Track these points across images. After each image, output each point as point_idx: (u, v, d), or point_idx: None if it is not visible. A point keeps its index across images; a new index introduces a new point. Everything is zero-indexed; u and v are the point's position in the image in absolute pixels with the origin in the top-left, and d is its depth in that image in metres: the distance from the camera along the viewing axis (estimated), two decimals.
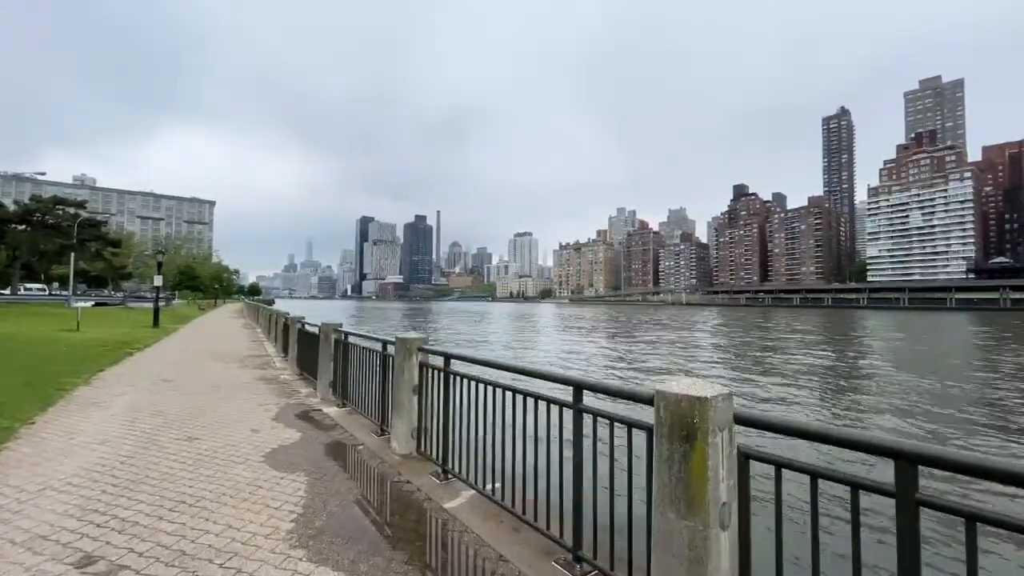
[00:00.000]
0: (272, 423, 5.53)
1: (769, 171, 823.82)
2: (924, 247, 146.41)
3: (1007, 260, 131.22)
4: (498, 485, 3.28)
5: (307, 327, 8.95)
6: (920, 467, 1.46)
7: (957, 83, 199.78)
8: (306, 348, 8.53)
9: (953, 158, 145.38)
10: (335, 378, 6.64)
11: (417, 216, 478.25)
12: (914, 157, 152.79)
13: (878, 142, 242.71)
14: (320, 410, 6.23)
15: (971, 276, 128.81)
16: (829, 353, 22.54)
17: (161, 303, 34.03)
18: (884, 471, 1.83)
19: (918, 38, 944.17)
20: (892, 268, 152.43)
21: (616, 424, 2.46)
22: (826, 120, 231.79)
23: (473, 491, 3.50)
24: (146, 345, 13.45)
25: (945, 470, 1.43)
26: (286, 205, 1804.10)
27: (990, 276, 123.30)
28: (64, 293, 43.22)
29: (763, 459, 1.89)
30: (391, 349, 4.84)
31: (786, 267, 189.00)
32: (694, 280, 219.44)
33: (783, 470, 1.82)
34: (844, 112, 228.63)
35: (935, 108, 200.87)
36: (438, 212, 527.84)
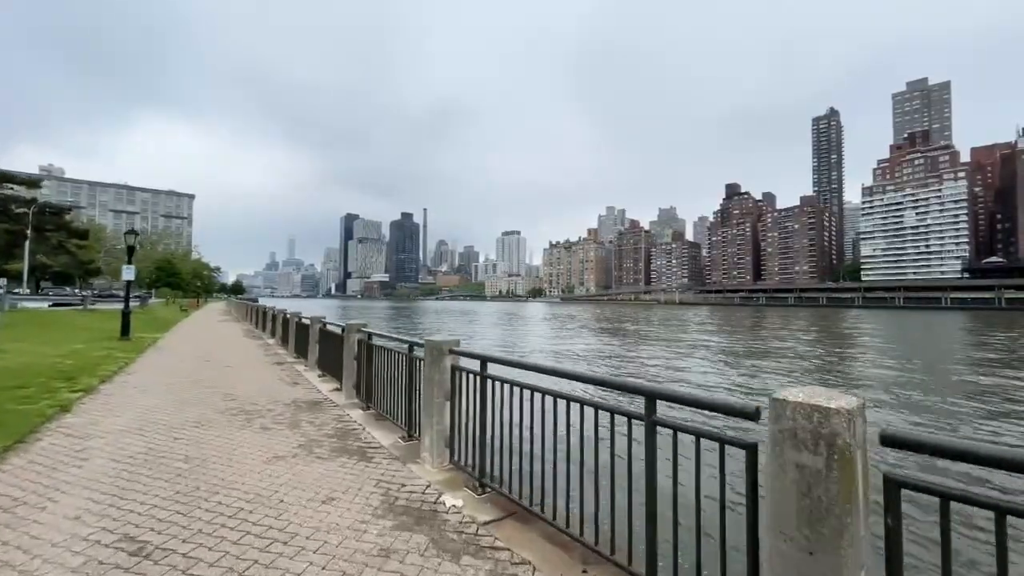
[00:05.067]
0: None
1: (758, 171, 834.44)
2: (918, 246, 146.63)
3: (1000, 259, 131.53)
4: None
5: (513, 382, 3.35)
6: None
7: (944, 85, 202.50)
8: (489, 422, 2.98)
9: (947, 158, 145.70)
10: None
11: (403, 214, 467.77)
12: (908, 157, 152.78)
13: (866, 143, 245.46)
14: None
15: (966, 275, 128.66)
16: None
17: (135, 303, 26.74)
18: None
19: (904, 41, 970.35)
20: (886, 267, 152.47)
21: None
22: (816, 120, 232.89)
23: None
24: (103, 379, 7.91)
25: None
26: (268, 203, 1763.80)
27: (984, 275, 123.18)
28: (18, 292, 36.24)
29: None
30: None
31: (779, 266, 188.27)
32: (686, 279, 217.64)
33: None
34: (833, 113, 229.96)
35: (922, 109, 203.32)
36: (424, 210, 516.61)
